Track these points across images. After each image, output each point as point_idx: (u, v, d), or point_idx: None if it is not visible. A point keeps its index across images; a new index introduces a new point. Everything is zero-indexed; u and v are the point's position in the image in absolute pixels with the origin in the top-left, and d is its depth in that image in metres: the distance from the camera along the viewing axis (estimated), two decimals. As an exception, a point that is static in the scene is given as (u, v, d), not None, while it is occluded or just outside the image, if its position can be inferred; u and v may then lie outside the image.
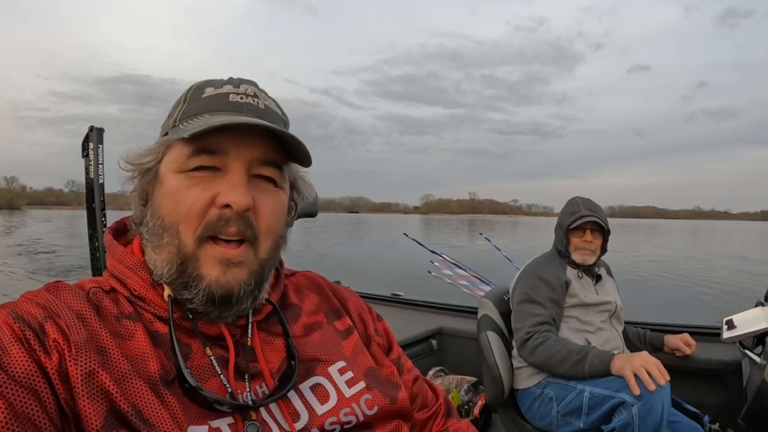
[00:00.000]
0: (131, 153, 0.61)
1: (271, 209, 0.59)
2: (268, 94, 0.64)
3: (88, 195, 1.95)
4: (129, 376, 0.50)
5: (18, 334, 0.48)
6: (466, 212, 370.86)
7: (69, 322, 0.51)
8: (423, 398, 0.78)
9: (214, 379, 0.55)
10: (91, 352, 0.49)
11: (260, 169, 0.58)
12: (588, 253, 1.92)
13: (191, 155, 0.56)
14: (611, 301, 1.93)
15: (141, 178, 0.61)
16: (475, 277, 3.50)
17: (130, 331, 0.54)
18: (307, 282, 0.77)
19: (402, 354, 0.80)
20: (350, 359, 0.67)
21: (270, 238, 0.59)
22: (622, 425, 1.50)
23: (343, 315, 0.73)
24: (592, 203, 1.96)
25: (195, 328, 0.58)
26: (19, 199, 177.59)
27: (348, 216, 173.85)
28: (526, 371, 1.85)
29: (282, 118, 0.63)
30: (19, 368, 0.46)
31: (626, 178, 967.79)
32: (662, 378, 1.50)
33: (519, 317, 1.87)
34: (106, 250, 0.63)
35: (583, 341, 1.82)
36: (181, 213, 0.55)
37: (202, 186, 0.55)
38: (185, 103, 0.60)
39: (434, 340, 2.75)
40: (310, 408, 0.59)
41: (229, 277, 0.55)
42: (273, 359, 0.61)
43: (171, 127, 0.59)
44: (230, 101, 0.59)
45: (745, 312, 1.81)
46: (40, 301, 0.53)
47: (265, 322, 0.64)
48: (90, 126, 1.91)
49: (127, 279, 0.58)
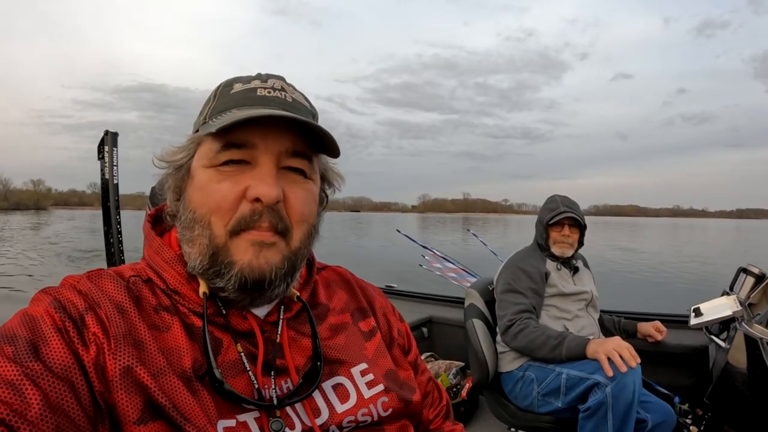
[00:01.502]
0: (164, 151, 0.59)
1: (301, 200, 0.56)
2: (295, 88, 0.61)
3: (104, 195, 1.96)
4: (165, 371, 0.49)
5: (58, 324, 0.47)
6: (460, 211, 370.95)
7: (109, 313, 0.49)
8: (432, 398, 0.77)
9: (243, 375, 0.54)
10: (129, 346, 0.48)
11: (289, 160, 0.55)
12: (566, 246, 1.93)
13: (220, 150, 0.53)
14: (588, 291, 1.94)
15: (174, 174, 0.58)
16: (462, 269, 3.51)
17: (167, 324, 0.53)
18: (337, 278, 0.74)
19: (419, 356, 0.78)
20: (372, 361, 0.65)
21: (302, 227, 0.56)
22: (596, 404, 1.51)
23: (368, 315, 0.71)
24: (570, 200, 1.98)
25: (228, 324, 0.56)
26: (45, 200, 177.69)
27: (350, 215, 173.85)
28: (509, 355, 1.86)
29: (310, 110, 0.60)
30: (57, 360, 0.44)
31: (610, 179, 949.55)
32: (633, 360, 1.51)
33: (502, 306, 1.88)
34: (144, 238, 0.60)
35: (561, 328, 1.83)
36: (211, 205, 0.53)
37: (232, 180, 0.53)
38: (215, 100, 0.58)
39: (425, 328, 2.76)
40: (330, 406, 0.57)
41: (261, 261, 0.52)
42: (298, 357, 0.59)
43: (201, 124, 0.57)
44: (258, 96, 0.56)
45: (712, 301, 1.82)
46: (82, 288, 0.51)
47: (294, 320, 0.61)
48: (105, 130, 1.92)
49: (163, 272, 0.56)
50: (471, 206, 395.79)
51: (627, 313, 2.28)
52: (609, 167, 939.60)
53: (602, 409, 1.51)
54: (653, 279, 11.97)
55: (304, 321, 0.62)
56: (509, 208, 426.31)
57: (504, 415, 1.89)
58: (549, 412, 1.73)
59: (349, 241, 23.07)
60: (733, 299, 1.74)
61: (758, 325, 1.54)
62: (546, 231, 1.96)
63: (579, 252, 2.04)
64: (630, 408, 1.49)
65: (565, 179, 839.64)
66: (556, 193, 2.03)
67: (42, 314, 0.47)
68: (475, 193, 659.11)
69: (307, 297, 0.64)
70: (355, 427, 0.58)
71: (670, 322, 2.15)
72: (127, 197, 2.02)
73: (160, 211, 0.63)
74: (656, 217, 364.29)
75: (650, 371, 1.94)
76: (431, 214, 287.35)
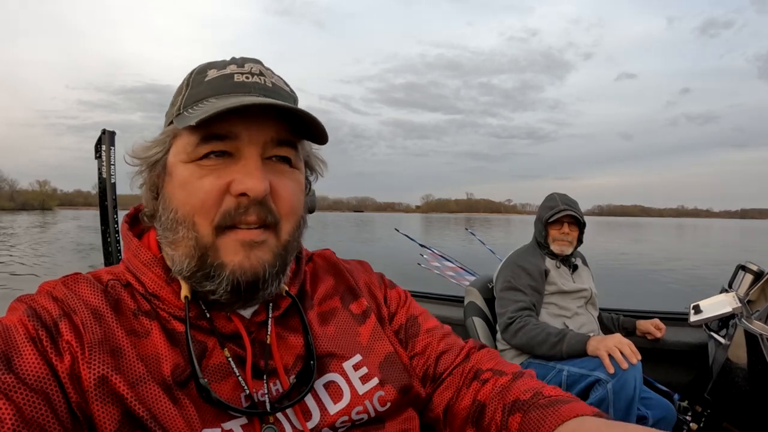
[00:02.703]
0: (136, 146, 0.55)
1: (290, 191, 0.52)
2: (274, 72, 0.56)
3: (101, 194, 1.94)
4: (144, 378, 0.46)
5: (32, 333, 0.45)
6: (463, 211, 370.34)
7: (84, 320, 0.47)
8: (455, 351, 0.66)
9: (230, 378, 0.50)
10: (105, 354, 0.45)
11: (274, 150, 0.51)
12: (565, 244, 1.92)
13: (200, 143, 0.49)
14: (587, 289, 1.93)
15: (149, 171, 0.54)
16: (461, 268, 3.50)
17: (146, 329, 0.50)
18: (323, 263, 0.69)
19: (419, 315, 0.69)
20: (367, 348, 0.61)
21: (291, 219, 0.53)
22: (598, 401, 1.51)
23: (359, 295, 0.66)
24: (569, 198, 1.97)
25: (212, 327, 0.52)
26: (51, 201, 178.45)
27: (353, 215, 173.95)
28: (509, 353, 1.85)
29: (291, 95, 0.56)
30: (30, 371, 0.42)
31: (614, 179, 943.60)
32: (634, 357, 1.51)
33: (502, 303, 1.87)
34: (122, 240, 0.57)
35: (561, 325, 1.82)
36: (195, 204, 0.49)
37: (214, 174, 0.49)
38: (188, 88, 0.53)
39: None
40: (322, 407, 0.54)
41: (254, 260, 0.49)
42: (287, 356, 0.55)
43: (175, 115, 0.52)
44: (236, 82, 0.52)
45: (711, 298, 1.81)
46: (58, 294, 0.49)
47: (281, 317, 0.58)
48: (102, 129, 1.90)
49: (142, 275, 0.53)
50: (474, 206, 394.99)
51: (626, 311, 2.26)
52: (613, 167, 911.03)
53: (603, 405, 1.50)
54: (652, 276, 11.92)
55: (292, 317, 0.58)
56: (513, 208, 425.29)
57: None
58: (549, 409, 1.73)
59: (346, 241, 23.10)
60: (732, 296, 1.74)
61: (758, 322, 1.54)
62: (545, 229, 1.95)
63: (578, 250, 2.03)
64: (631, 404, 1.48)
65: (569, 179, 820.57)
66: (555, 191, 2.03)
67: (15, 324, 0.45)
68: (478, 193, 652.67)
69: (296, 291, 0.61)
70: (350, 427, 0.55)
71: (670, 320, 2.14)
72: (131, 198, 2.01)
73: (137, 211, 0.60)
74: (660, 217, 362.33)
75: (650, 368, 1.93)
76: (434, 214, 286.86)
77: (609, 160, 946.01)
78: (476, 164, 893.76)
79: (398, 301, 0.70)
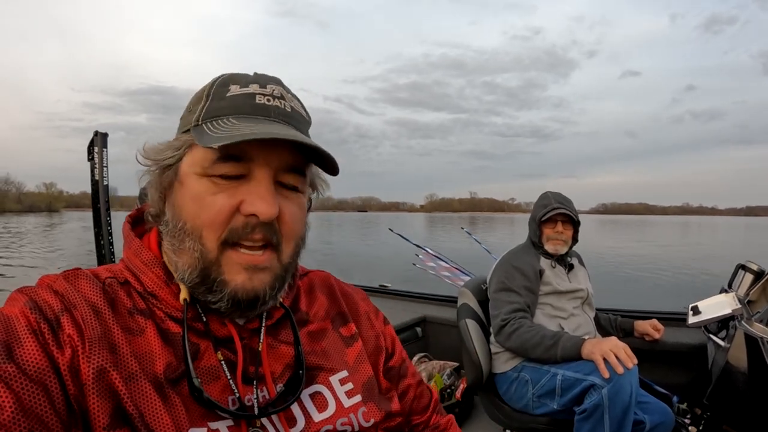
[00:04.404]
0: (149, 147, 0.56)
1: (295, 216, 0.55)
2: (293, 93, 0.59)
3: (93, 196, 1.93)
4: (137, 375, 0.47)
5: (33, 325, 0.45)
6: (467, 210, 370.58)
7: (84, 315, 0.48)
8: (421, 401, 0.74)
9: (219, 381, 0.52)
10: (103, 349, 0.47)
11: (285, 176, 0.54)
12: (560, 243, 1.87)
13: (216, 161, 0.50)
14: (583, 289, 1.88)
15: (160, 173, 0.55)
16: (456, 268, 3.46)
17: (141, 327, 0.51)
18: (319, 282, 0.72)
19: (406, 358, 0.75)
20: (352, 368, 0.63)
21: (292, 242, 0.55)
22: (592, 406, 1.46)
23: (349, 321, 0.68)
24: (563, 197, 1.92)
25: (208, 331, 0.54)
26: (57, 203, 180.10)
27: (357, 215, 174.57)
28: (503, 356, 1.80)
29: (306, 119, 0.59)
30: (31, 362, 0.43)
31: (619, 177, 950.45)
32: (630, 361, 1.46)
33: (496, 305, 1.82)
34: (124, 240, 0.58)
35: (556, 326, 1.77)
36: (205, 219, 0.50)
37: (228, 192, 0.51)
38: (209, 100, 0.54)
39: (419, 327, 2.71)
40: (307, 415, 0.56)
41: (255, 282, 0.52)
42: (276, 364, 0.57)
43: (194, 125, 0.54)
44: (257, 103, 0.53)
45: (710, 298, 1.76)
46: (58, 288, 0.50)
47: (273, 327, 0.60)
48: (95, 131, 1.89)
49: (141, 274, 0.55)
50: (478, 205, 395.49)
51: (623, 311, 2.21)
52: (618, 165, 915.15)
53: (598, 411, 1.45)
54: (651, 276, 11.85)
55: (284, 328, 0.60)
56: (516, 206, 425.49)
57: (499, 416, 1.83)
58: (544, 414, 1.67)
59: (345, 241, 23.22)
60: (732, 297, 1.68)
61: (758, 324, 1.49)
62: (539, 228, 1.90)
63: (574, 249, 1.98)
64: (627, 410, 1.43)
65: (574, 177, 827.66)
66: (549, 190, 1.98)
67: (17, 315, 0.46)
68: (482, 192, 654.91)
69: (289, 303, 0.63)
70: None
71: (668, 320, 2.09)
72: (126, 199, 2.00)
73: (141, 212, 0.61)
74: (665, 215, 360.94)
75: (648, 370, 1.88)
76: (437, 214, 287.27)
77: (613, 158, 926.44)
78: (480, 163, 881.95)
79: (392, 340, 0.74)
